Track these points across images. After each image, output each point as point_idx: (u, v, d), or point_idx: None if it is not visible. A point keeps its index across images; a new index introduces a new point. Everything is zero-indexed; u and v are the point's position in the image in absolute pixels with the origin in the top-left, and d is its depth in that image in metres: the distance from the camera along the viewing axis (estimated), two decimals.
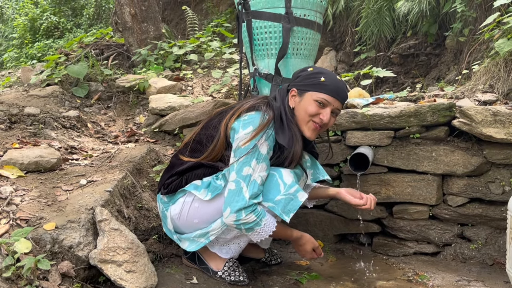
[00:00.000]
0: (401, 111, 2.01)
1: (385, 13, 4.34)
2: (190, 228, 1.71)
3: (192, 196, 1.68)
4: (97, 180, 1.90)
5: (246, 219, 1.54)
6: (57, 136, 2.43)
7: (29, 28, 10.45)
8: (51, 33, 10.37)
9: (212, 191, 1.64)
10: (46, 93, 2.85)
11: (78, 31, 10.05)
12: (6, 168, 1.93)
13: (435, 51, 3.98)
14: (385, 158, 2.07)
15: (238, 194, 1.55)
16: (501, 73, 2.32)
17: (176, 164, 1.76)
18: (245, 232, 1.59)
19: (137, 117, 3.03)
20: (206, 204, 1.66)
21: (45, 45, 9.77)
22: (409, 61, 4.18)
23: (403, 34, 4.36)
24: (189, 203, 1.68)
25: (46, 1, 10.78)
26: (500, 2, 2.32)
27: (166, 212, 1.75)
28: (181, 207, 1.69)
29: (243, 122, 1.61)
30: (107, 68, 3.53)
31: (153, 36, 3.69)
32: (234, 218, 1.55)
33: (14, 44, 10.67)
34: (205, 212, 1.66)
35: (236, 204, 1.54)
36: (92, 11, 10.31)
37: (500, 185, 1.90)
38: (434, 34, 3.90)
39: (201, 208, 1.67)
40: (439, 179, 2.00)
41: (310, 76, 1.67)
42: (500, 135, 1.85)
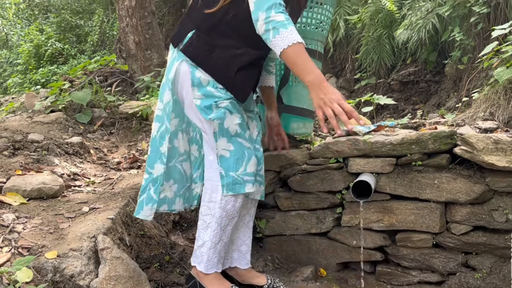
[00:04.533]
0: (402, 139, 2.02)
1: (385, 41, 4.41)
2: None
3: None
4: (99, 207, 1.90)
5: (275, 17, 1.45)
6: (60, 163, 2.44)
7: (33, 54, 10.60)
8: (55, 59, 10.52)
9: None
10: (50, 119, 2.88)
11: (82, 57, 10.20)
12: (8, 195, 1.94)
13: (435, 78, 4.03)
14: (388, 185, 2.07)
15: (261, 8, 1.47)
16: (501, 100, 2.34)
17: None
18: (271, 34, 1.45)
19: (139, 143, 3.04)
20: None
21: (49, 71, 9.89)
22: (409, 87, 4.23)
23: (402, 61, 4.42)
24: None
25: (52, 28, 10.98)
26: (498, 33, 2.36)
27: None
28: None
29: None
30: (110, 95, 3.57)
31: (156, 63, 3.75)
32: (264, 15, 1.46)
33: (19, 70, 10.80)
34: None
35: (266, 3, 1.46)
36: (96, 38, 10.49)
37: (503, 213, 1.89)
38: (434, 61, 3.96)
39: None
40: (442, 207, 2.00)
41: None
42: (502, 163, 1.86)
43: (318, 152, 2.20)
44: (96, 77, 3.75)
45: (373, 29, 4.55)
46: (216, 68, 1.61)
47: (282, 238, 2.30)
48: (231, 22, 1.60)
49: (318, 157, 2.21)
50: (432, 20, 3.55)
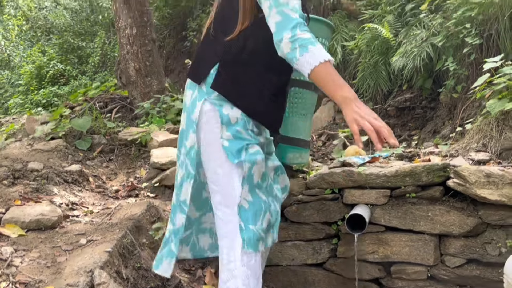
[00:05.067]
0: (396, 171, 2.06)
1: (381, 67, 4.48)
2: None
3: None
4: (96, 239, 1.92)
5: (301, 35, 1.36)
6: (58, 192, 2.46)
7: (35, 75, 10.71)
8: (57, 80, 10.62)
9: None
10: (50, 147, 2.91)
11: (83, 78, 10.31)
12: (7, 227, 1.96)
13: (431, 104, 4.08)
14: (382, 217, 2.10)
15: (287, 19, 1.39)
16: (493, 132, 2.38)
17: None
18: (299, 52, 1.34)
19: (138, 170, 3.07)
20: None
21: (50, 91, 9.98)
22: (405, 113, 4.28)
23: (399, 87, 4.48)
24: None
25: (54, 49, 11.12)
26: (490, 66, 2.42)
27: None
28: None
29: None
30: (110, 121, 3.62)
31: (156, 89, 3.81)
32: (290, 34, 1.36)
33: (20, 91, 10.89)
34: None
35: (290, 23, 1.38)
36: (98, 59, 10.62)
37: (496, 246, 1.91)
38: (429, 88, 4.01)
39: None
40: (436, 239, 2.02)
41: None
42: (494, 196, 1.89)
43: (314, 182, 2.23)
44: (97, 103, 3.81)
45: (369, 56, 4.63)
46: (246, 101, 1.52)
47: (278, 268, 2.31)
48: (253, 49, 1.51)
49: (314, 187, 2.24)
50: (427, 49, 3.62)
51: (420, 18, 3.97)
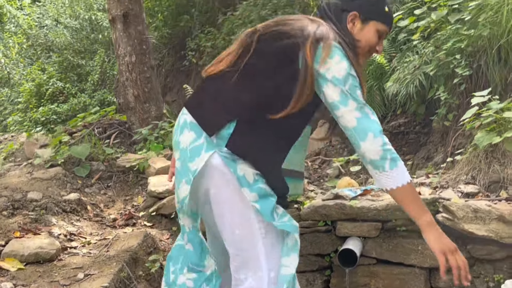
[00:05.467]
0: (387, 205, 2.12)
1: (376, 92, 4.56)
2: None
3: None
4: (94, 273, 1.96)
5: (390, 146, 1.32)
6: (57, 222, 2.51)
7: (34, 93, 10.78)
8: (56, 98, 10.70)
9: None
10: (49, 175, 2.97)
11: (82, 96, 10.40)
12: (7, 261, 2.01)
13: (424, 130, 4.15)
14: (374, 249, 2.15)
15: (368, 119, 1.33)
16: (482, 164, 2.45)
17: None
18: (389, 165, 1.32)
19: (135, 197, 3.12)
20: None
21: (49, 109, 10.06)
22: (399, 138, 4.34)
23: (393, 112, 4.56)
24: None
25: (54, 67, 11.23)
26: (478, 100, 2.49)
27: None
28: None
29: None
30: (109, 147, 3.68)
31: (154, 115, 3.88)
32: (380, 141, 1.31)
33: (19, 109, 10.96)
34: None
35: (376, 127, 1.32)
36: (97, 77, 10.72)
37: (484, 280, 1.96)
38: (422, 114, 4.09)
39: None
40: (426, 273, 2.07)
41: (373, 2, 1.50)
42: (481, 232, 1.95)
43: (308, 214, 2.29)
44: (95, 129, 3.87)
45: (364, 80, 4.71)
46: (269, 167, 1.41)
47: None
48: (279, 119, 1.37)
49: (307, 219, 2.29)
50: (419, 77, 3.70)
51: (413, 44, 4.07)
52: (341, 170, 3.37)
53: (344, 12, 1.46)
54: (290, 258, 1.40)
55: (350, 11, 1.46)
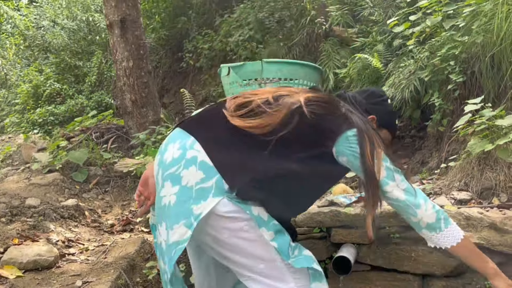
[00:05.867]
0: (381, 212, 2.14)
1: None
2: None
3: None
4: (92, 281, 1.99)
5: (438, 206, 1.48)
6: (55, 228, 2.54)
7: (32, 94, 10.79)
8: (53, 99, 10.71)
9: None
10: (47, 181, 2.99)
11: (80, 97, 10.41)
12: (6, 268, 2.03)
13: (419, 134, 4.19)
14: (368, 256, 2.18)
15: (413, 189, 1.46)
16: (474, 171, 2.48)
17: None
18: (444, 224, 1.46)
19: (133, 203, 3.15)
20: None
21: (47, 111, 10.07)
22: (395, 142, 4.38)
23: None
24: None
25: (51, 68, 11.23)
26: (471, 108, 2.53)
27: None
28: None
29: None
30: (106, 151, 3.70)
31: (151, 120, 3.90)
32: (431, 205, 1.46)
33: (16, 110, 10.96)
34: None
35: (422, 194, 1.47)
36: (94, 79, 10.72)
37: (476, 287, 2.00)
38: (418, 118, 4.12)
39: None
40: (419, 279, 2.10)
41: (391, 112, 1.73)
42: (473, 239, 1.98)
43: (303, 221, 2.31)
44: (93, 134, 3.89)
45: (360, 84, 4.75)
46: (280, 213, 1.41)
47: None
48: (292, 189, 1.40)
49: (302, 226, 2.32)
50: (414, 83, 3.74)
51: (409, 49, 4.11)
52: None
53: (365, 113, 1.56)
54: (318, 283, 1.41)
55: (370, 113, 1.59)
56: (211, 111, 1.55)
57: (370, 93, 1.69)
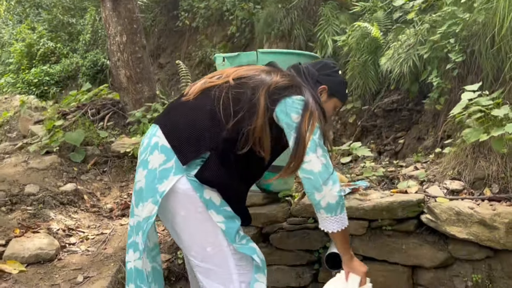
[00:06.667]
0: (374, 206, 2.19)
1: (370, 67, 4.53)
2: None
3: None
4: (93, 275, 2.06)
5: (343, 192, 1.60)
6: (55, 216, 2.59)
7: (25, 53, 10.60)
8: (48, 58, 10.53)
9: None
10: (45, 165, 3.01)
11: (75, 56, 10.24)
12: (8, 263, 2.10)
13: (417, 107, 4.17)
14: (360, 247, 2.25)
15: (329, 167, 1.54)
16: (468, 159, 2.50)
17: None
18: (340, 211, 1.56)
19: (131, 184, 3.19)
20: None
21: (42, 70, 9.94)
22: (392, 115, 4.37)
23: (387, 87, 4.55)
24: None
25: (43, 25, 10.95)
26: (468, 96, 2.50)
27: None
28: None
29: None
30: (103, 129, 3.70)
31: (147, 96, 3.87)
32: (338, 188, 1.53)
33: (11, 69, 10.81)
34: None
35: (335, 177, 1.54)
36: (89, 37, 10.48)
37: (463, 280, 2.07)
38: (416, 92, 4.09)
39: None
40: (409, 270, 2.18)
41: (341, 82, 1.83)
42: (462, 234, 2.03)
43: (298, 211, 2.36)
44: (89, 110, 3.87)
45: (359, 54, 4.66)
46: (233, 197, 1.57)
47: None
48: (244, 156, 1.53)
49: (297, 215, 2.37)
50: (413, 58, 3.67)
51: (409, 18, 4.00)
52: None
53: (317, 83, 1.73)
54: (261, 274, 1.58)
55: (322, 84, 1.74)
56: (176, 100, 1.72)
57: (323, 64, 1.82)
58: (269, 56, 2.39)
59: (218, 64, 2.46)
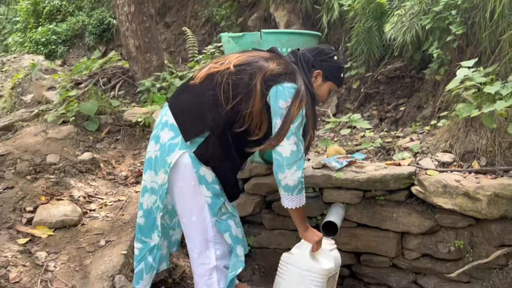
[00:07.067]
0: (368, 178, 2.37)
1: (375, 33, 4.57)
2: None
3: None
4: (113, 239, 2.31)
5: (303, 179, 1.85)
6: (75, 184, 2.81)
7: (31, 11, 10.58)
8: (54, 16, 10.52)
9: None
10: (62, 135, 3.21)
11: (80, 14, 10.22)
12: (38, 229, 2.34)
13: (419, 75, 4.26)
14: (355, 215, 2.46)
15: (299, 153, 1.78)
16: (460, 133, 2.65)
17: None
18: (297, 193, 1.85)
19: (143, 151, 3.39)
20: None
21: (48, 29, 9.97)
22: (395, 81, 4.46)
23: (390, 53, 4.62)
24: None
25: None
26: (464, 72, 2.60)
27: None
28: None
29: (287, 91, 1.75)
30: (114, 97, 3.86)
31: (156, 65, 3.99)
32: (299, 175, 1.81)
33: (18, 28, 10.83)
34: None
35: (301, 165, 1.80)
36: None
37: (446, 245, 2.29)
38: (418, 60, 4.17)
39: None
40: (398, 236, 2.40)
41: (336, 67, 1.98)
42: (448, 205, 2.22)
43: None
44: (100, 79, 4.02)
45: (364, 19, 4.69)
46: (222, 172, 1.82)
47: (267, 250, 2.73)
48: (240, 135, 1.78)
49: None
50: (416, 27, 3.73)
51: None
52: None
53: (312, 68, 1.92)
54: (239, 246, 1.89)
55: (317, 69, 1.93)
56: (186, 82, 1.96)
57: (319, 50, 1.98)
58: (272, 36, 2.51)
59: (224, 43, 2.58)
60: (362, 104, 4.85)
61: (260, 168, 2.64)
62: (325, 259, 2.07)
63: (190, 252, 1.89)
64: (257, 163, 2.64)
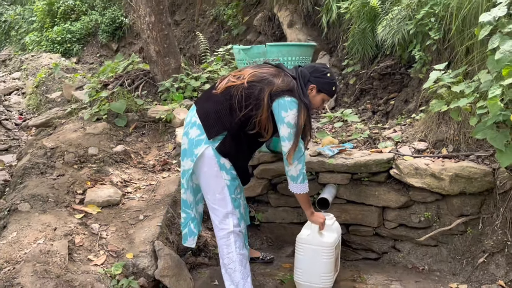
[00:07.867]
0: (354, 163, 2.91)
1: (368, 34, 5.07)
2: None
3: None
4: (150, 215, 2.87)
5: (304, 169, 2.40)
6: (113, 171, 3.38)
7: (47, 11, 11.13)
8: (68, 16, 11.08)
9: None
10: (98, 130, 3.77)
11: (93, 13, 10.77)
12: (89, 207, 2.91)
13: (407, 71, 4.77)
14: (345, 193, 3.00)
15: (300, 152, 2.33)
16: (433, 125, 3.17)
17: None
18: (300, 181, 2.41)
19: (166, 144, 3.95)
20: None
21: (63, 28, 10.54)
22: (387, 78, 4.97)
23: (383, 52, 5.12)
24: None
25: None
26: (436, 74, 3.11)
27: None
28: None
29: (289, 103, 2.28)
30: (138, 97, 4.42)
31: (173, 67, 4.54)
32: (301, 167, 2.37)
33: (35, 28, 11.40)
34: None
35: (302, 160, 2.36)
36: None
37: (418, 216, 2.83)
38: (406, 58, 4.67)
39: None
40: (380, 210, 2.94)
41: (328, 83, 2.47)
42: (418, 184, 2.76)
43: None
44: (125, 81, 4.57)
45: (359, 21, 5.19)
46: (239, 163, 2.40)
47: (273, 225, 3.29)
48: (250, 136, 2.34)
49: None
50: (402, 31, 4.23)
51: None
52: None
53: (308, 82, 2.37)
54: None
55: (312, 83, 2.39)
56: (210, 88, 2.50)
57: (315, 68, 2.48)
58: (275, 47, 3.05)
59: (235, 53, 3.12)
60: (358, 98, 5.36)
61: (266, 157, 3.19)
62: (330, 233, 2.62)
63: (214, 221, 2.44)
64: (264, 152, 3.19)
